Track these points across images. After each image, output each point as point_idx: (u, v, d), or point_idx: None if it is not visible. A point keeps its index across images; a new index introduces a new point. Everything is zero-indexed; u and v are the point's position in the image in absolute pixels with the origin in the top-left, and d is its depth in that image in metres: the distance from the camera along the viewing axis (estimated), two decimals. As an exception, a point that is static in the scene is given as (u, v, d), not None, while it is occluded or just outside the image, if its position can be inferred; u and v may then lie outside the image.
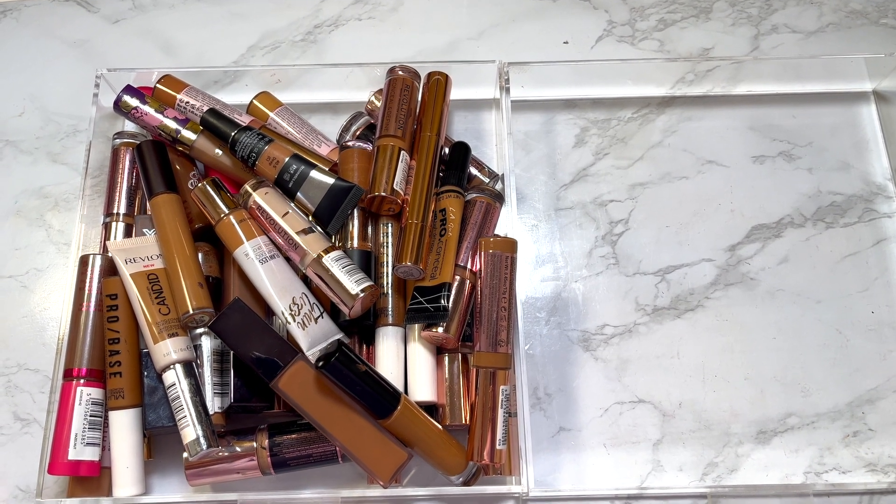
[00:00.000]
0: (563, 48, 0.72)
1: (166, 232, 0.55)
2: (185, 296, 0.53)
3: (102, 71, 0.64)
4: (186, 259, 0.54)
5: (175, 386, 0.52)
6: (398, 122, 0.58)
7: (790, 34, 0.72)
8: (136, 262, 0.55)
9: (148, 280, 0.54)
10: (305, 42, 0.72)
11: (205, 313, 0.53)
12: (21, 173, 0.67)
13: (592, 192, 0.66)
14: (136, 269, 0.54)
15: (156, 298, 0.54)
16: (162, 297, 0.54)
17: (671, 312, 0.62)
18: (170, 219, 0.56)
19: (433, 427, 0.52)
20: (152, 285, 0.54)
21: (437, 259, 0.55)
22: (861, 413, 0.59)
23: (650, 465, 0.57)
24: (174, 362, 0.52)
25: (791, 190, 0.65)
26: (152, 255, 0.56)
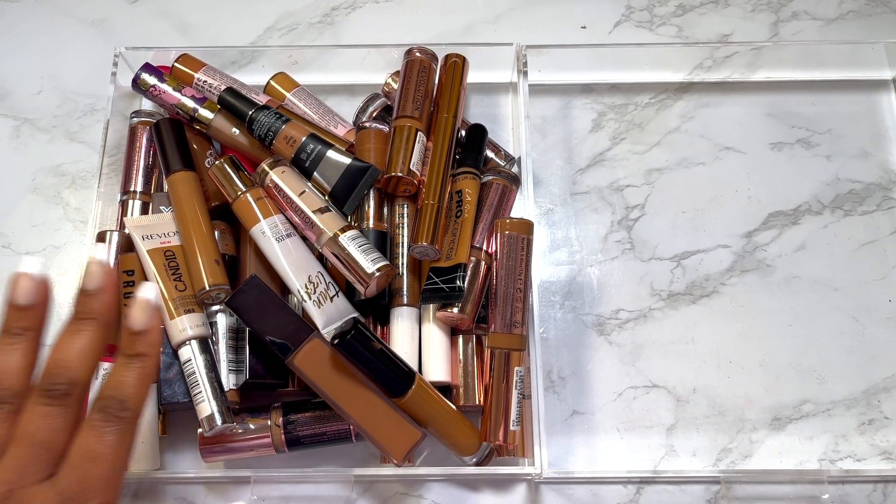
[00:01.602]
0: (580, 33, 0.71)
1: (183, 209, 0.55)
2: (201, 272, 0.53)
3: (121, 49, 0.64)
4: (203, 236, 0.54)
5: (191, 362, 0.52)
6: (415, 104, 0.58)
7: (810, 21, 0.71)
8: (152, 238, 0.55)
9: (164, 256, 0.54)
10: (323, 24, 0.72)
11: (221, 290, 0.53)
12: (39, 151, 0.67)
13: (609, 177, 0.65)
14: (152, 245, 0.55)
15: (172, 275, 0.54)
16: (178, 273, 0.54)
17: (686, 298, 0.61)
18: (187, 196, 0.56)
19: (447, 407, 0.52)
20: (169, 262, 0.54)
21: (453, 240, 0.55)
22: (877, 401, 0.58)
23: (663, 450, 0.57)
24: (190, 338, 0.52)
25: (809, 177, 0.65)
26: (169, 232, 0.56)
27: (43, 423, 0.36)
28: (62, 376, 0.37)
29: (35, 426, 0.36)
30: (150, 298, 0.40)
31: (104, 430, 0.37)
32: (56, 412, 0.37)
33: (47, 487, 0.36)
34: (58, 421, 0.37)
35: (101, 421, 0.37)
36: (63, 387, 0.37)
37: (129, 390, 0.38)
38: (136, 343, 0.39)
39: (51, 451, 0.36)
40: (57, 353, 0.38)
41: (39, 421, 0.36)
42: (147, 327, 0.39)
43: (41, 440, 0.36)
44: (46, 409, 0.37)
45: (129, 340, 0.39)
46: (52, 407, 0.37)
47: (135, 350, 0.39)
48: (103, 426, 0.37)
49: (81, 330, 0.38)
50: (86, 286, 0.39)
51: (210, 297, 0.54)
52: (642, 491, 0.56)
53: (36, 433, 0.36)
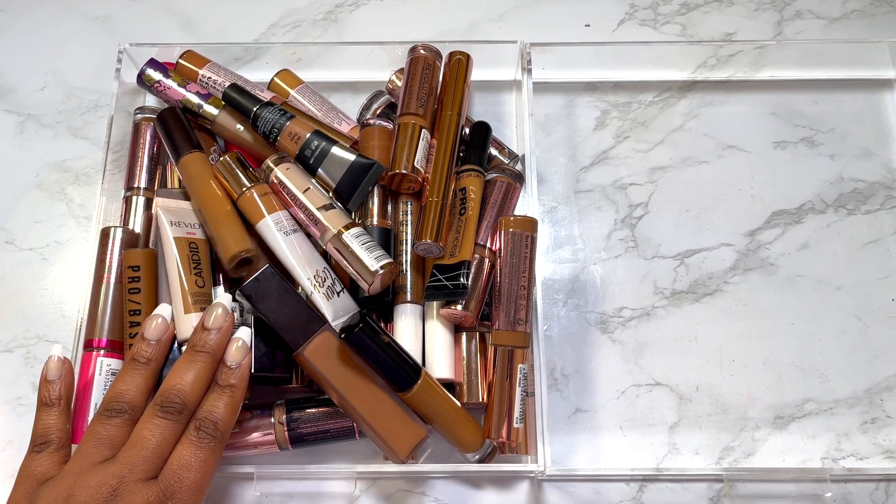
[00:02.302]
0: (584, 31, 0.71)
1: (200, 186, 0.56)
2: (229, 240, 0.53)
3: (125, 46, 0.64)
4: (225, 208, 0.55)
5: None
6: (419, 101, 0.58)
7: (814, 20, 0.71)
8: (180, 226, 0.55)
9: (189, 248, 0.54)
10: (327, 21, 0.72)
11: (250, 254, 0.54)
12: (42, 147, 0.67)
13: (612, 175, 0.65)
14: (179, 233, 0.54)
15: (194, 269, 0.54)
16: (199, 268, 0.54)
17: (690, 296, 0.61)
18: (202, 174, 0.56)
19: (452, 403, 0.52)
20: (192, 254, 0.54)
21: (457, 237, 0.55)
22: (879, 400, 0.58)
23: (666, 448, 0.57)
24: None
25: (812, 176, 0.65)
26: (195, 223, 0.56)
27: (156, 431, 0.45)
28: (177, 397, 0.46)
29: (150, 433, 0.45)
30: (245, 340, 0.50)
31: (199, 445, 0.45)
32: (168, 424, 0.45)
33: (151, 485, 0.44)
34: (168, 431, 0.45)
35: (196, 438, 0.45)
36: (177, 405, 0.46)
37: (222, 414, 0.47)
38: (229, 376, 0.48)
39: (158, 455, 0.45)
40: (174, 378, 0.47)
41: (154, 429, 0.45)
42: (240, 364, 0.49)
43: (152, 446, 0.45)
44: (161, 420, 0.45)
45: (224, 373, 0.48)
46: (165, 420, 0.45)
47: (227, 381, 0.48)
48: (199, 442, 0.45)
49: (196, 361, 0.48)
50: (207, 324, 0.49)
51: (240, 264, 0.54)
52: (645, 489, 0.56)
53: (150, 438, 0.45)
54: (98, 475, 0.43)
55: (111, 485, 0.43)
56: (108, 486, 0.43)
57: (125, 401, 0.47)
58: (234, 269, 0.54)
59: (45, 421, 0.48)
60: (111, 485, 0.43)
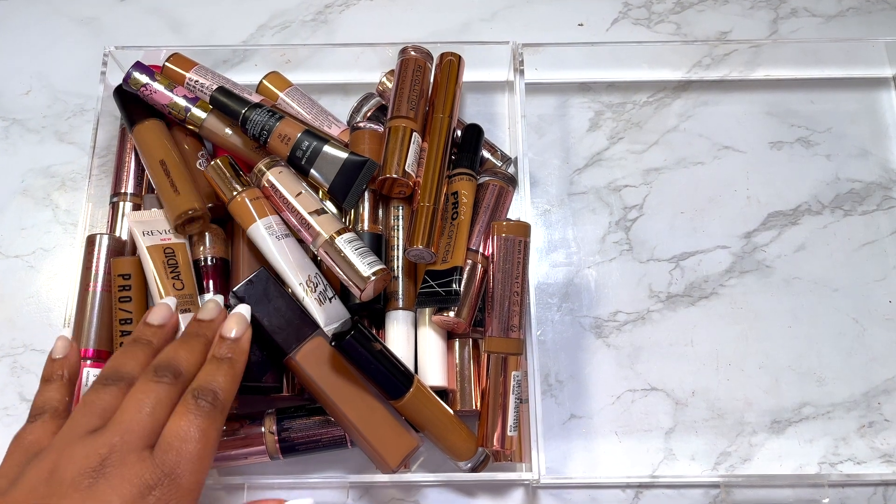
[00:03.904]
0: (577, 30, 0.70)
1: (151, 153, 0.56)
2: (177, 200, 0.54)
3: (110, 49, 0.63)
4: (179, 168, 0.55)
5: None
6: (410, 104, 0.57)
7: (809, 18, 0.70)
8: (153, 234, 0.54)
9: (164, 254, 0.53)
10: (316, 22, 0.71)
11: (197, 213, 0.54)
12: (28, 152, 0.66)
13: (606, 177, 0.65)
14: (152, 241, 0.54)
15: (171, 273, 0.53)
16: (177, 271, 0.53)
17: (685, 300, 0.61)
18: (153, 141, 0.57)
19: (444, 411, 0.52)
20: (168, 259, 0.53)
21: (449, 242, 0.54)
22: (877, 403, 0.58)
23: (662, 454, 0.57)
24: None
25: (809, 177, 0.64)
26: (169, 229, 0.55)
27: (151, 395, 0.41)
28: (170, 366, 0.43)
29: (144, 395, 0.41)
30: (245, 315, 0.48)
31: (197, 414, 0.41)
32: (163, 388, 0.42)
33: (146, 458, 0.39)
34: (163, 395, 0.42)
35: (195, 406, 0.42)
36: (172, 370, 0.43)
37: (221, 383, 0.44)
38: (227, 348, 0.46)
39: (154, 420, 0.41)
40: (171, 352, 0.45)
41: (149, 392, 0.42)
42: (239, 337, 0.47)
43: (147, 408, 0.41)
44: (155, 383, 0.42)
45: (223, 345, 0.46)
46: (160, 384, 0.42)
47: (225, 354, 0.46)
48: (197, 411, 0.41)
49: (192, 343, 0.46)
50: (202, 316, 0.48)
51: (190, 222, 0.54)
52: (641, 495, 0.55)
53: (145, 401, 0.41)
54: (86, 446, 0.39)
55: (101, 454, 0.38)
56: (97, 457, 0.38)
57: (123, 371, 0.43)
58: (182, 228, 0.55)
59: (45, 394, 0.45)
60: (101, 454, 0.38)
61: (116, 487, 0.37)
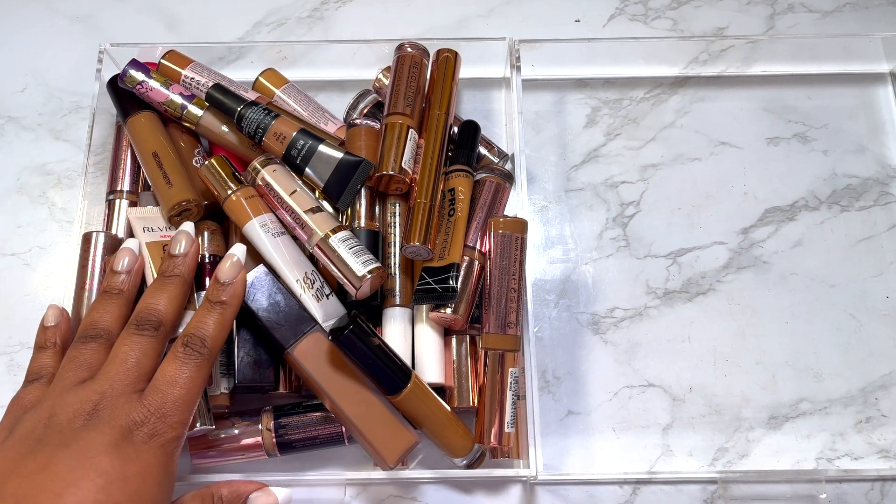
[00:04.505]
0: (574, 26, 0.70)
1: (144, 145, 0.56)
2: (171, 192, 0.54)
3: (105, 46, 0.63)
4: (172, 161, 0.55)
5: None
6: (406, 100, 0.57)
7: (806, 13, 0.70)
8: (153, 231, 0.54)
9: (163, 250, 0.53)
10: (312, 18, 0.71)
11: (191, 204, 0.54)
12: (23, 150, 0.66)
13: (603, 173, 0.65)
14: (152, 237, 0.54)
15: None
16: None
17: (682, 296, 0.61)
18: (146, 133, 0.57)
19: (442, 407, 0.52)
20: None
21: (446, 239, 0.54)
22: (874, 399, 0.58)
23: (660, 450, 0.57)
24: None
25: (806, 172, 0.64)
26: (166, 227, 0.55)
27: (133, 346, 0.44)
28: (151, 315, 0.46)
29: (128, 348, 0.44)
30: (239, 257, 0.49)
31: (185, 361, 0.44)
32: (144, 340, 0.45)
33: (134, 400, 0.42)
34: (145, 346, 0.44)
35: (183, 353, 0.44)
36: (153, 321, 0.45)
37: (210, 330, 0.46)
38: (220, 292, 0.47)
39: (140, 369, 0.44)
40: (147, 299, 0.47)
41: (132, 345, 0.44)
42: (232, 280, 0.48)
43: (132, 360, 0.44)
44: (136, 336, 0.45)
45: (215, 289, 0.47)
46: (141, 336, 0.45)
47: (218, 297, 0.47)
48: (185, 357, 0.44)
49: (168, 284, 0.48)
50: (173, 250, 0.49)
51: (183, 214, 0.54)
52: (638, 491, 0.55)
53: (129, 353, 0.44)
54: (78, 394, 0.42)
55: (93, 400, 0.42)
56: (89, 402, 0.42)
57: (100, 327, 0.46)
58: (177, 221, 0.55)
59: (39, 360, 0.48)
60: (93, 400, 0.42)
61: (108, 424, 0.41)
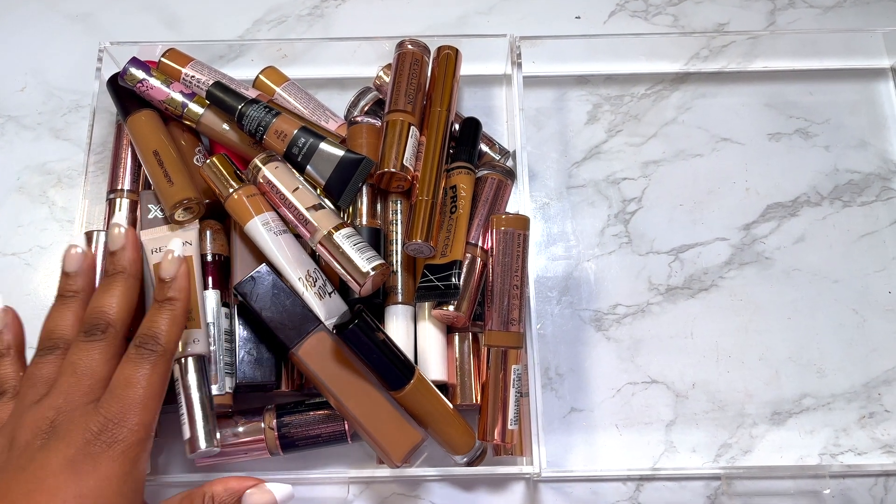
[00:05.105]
0: (575, 23, 0.70)
1: (145, 144, 0.56)
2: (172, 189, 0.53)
3: (105, 44, 0.62)
4: (173, 158, 0.55)
5: (178, 381, 0.50)
6: (407, 97, 0.57)
7: (807, 9, 0.70)
8: (161, 252, 0.53)
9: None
10: (312, 16, 0.71)
11: (192, 202, 0.54)
12: (23, 149, 0.66)
13: (605, 170, 0.64)
14: (159, 259, 0.53)
15: None
16: None
17: (685, 292, 0.61)
18: (147, 131, 0.56)
19: (444, 404, 0.52)
20: None
21: (448, 236, 0.54)
22: (877, 394, 0.58)
23: (663, 446, 0.56)
24: (181, 356, 0.50)
25: (807, 168, 0.64)
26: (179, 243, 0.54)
27: (84, 355, 0.43)
28: (99, 319, 0.45)
29: (77, 357, 0.43)
30: (177, 251, 0.47)
31: (139, 361, 0.43)
32: (95, 346, 0.44)
33: (91, 409, 0.42)
34: (97, 353, 0.43)
35: (136, 355, 0.43)
36: (100, 325, 0.44)
37: (162, 328, 0.45)
38: (166, 289, 0.46)
39: (92, 378, 0.43)
40: (94, 302, 0.46)
41: (81, 353, 0.43)
42: (175, 275, 0.47)
43: (83, 369, 0.43)
44: (87, 344, 0.44)
45: (160, 287, 0.47)
46: (91, 343, 0.44)
47: (165, 295, 0.46)
48: (138, 358, 0.43)
49: (113, 283, 0.47)
50: (111, 247, 0.48)
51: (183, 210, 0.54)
52: (642, 488, 0.55)
53: (78, 363, 0.43)
54: (34, 413, 0.42)
55: (48, 417, 0.41)
56: (45, 420, 0.41)
57: (56, 336, 0.45)
58: (178, 219, 0.54)
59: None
60: (48, 417, 0.41)
61: (64, 440, 0.40)
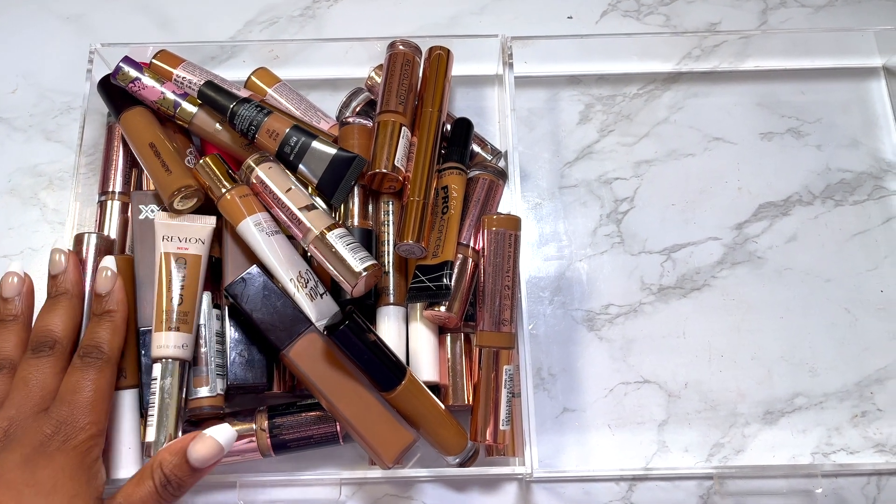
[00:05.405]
0: (567, 23, 0.70)
1: (140, 138, 0.56)
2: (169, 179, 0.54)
3: (96, 46, 0.62)
4: (168, 149, 0.55)
5: (156, 381, 0.50)
6: (399, 98, 0.57)
7: (799, 8, 0.70)
8: (172, 240, 0.53)
9: (175, 263, 0.52)
10: (304, 17, 0.71)
11: (190, 190, 0.54)
12: (15, 151, 0.66)
13: (597, 170, 0.64)
14: (169, 248, 0.53)
15: (179, 286, 0.52)
16: (182, 284, 0.52)
17: (677, 292, 0.61)
18: (141, 127, 0.57)
19: (436, 405, 0.51)
20: (178, 270, 0.52)
21: (440, 237, 0.54)
22: (870, 393, 0.58)
23: (655, 446, 0.56)
24: (167, 357, 0.50)
25: (799, 167, 0.64)
26: (188, 238, 0.53)
27: (33, 370, 0.46)
28: (46, 336, 0.47)
29: (27, 372, 0.46)
30: (111, 268, 0.50)
31: (85, 369, 0.46)
32: (43, 362, 0.46)
33: (42, 416, 0.44)
34: (45, 367, 0.46)
35: (81, 363, 0.46)
36: (47, 342, 0.47)
37: (104, 337, 0.48)
38: (104, 303, 0.49)
39: (43, 390, 0.45)
40: (39, 322, 0.49)
41: (31, 368, 0.46)
42: (111, 289, 0.49)
43: (34, 382, 0.46)
44: (36, 360, 0.47)
45: (97, 303, 0.49)
46: (40, 359, 0.47)
47: (103, 308, 0.49)
48: (83, 366, 0.46)
49: (57, 303, 0.49)
50: (52, 271, 0.51)
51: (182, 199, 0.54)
52: (634, 488, 0.55)
53: (28, 377, 0.46)
54: None
55: (2, 427, 0.44)
56: (0, 430, 0.44)
57: (1, 357, 0.47)
58: (176, 208, 0.55)
59: None
60: (2, 427, 0.44)
61: (20, 445, 0.43)
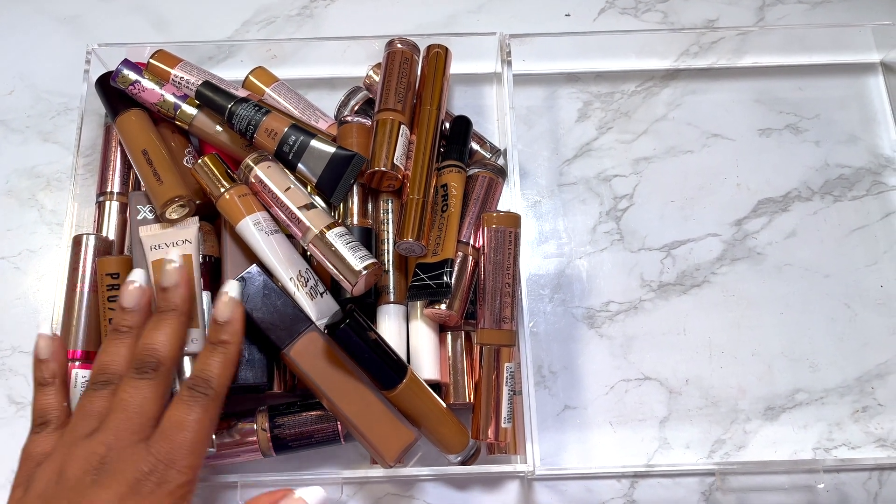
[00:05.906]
0: (564, 21, 0.70)
1: (135, 142, 0.55)
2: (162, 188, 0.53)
3: (93, 47, 0.62)
4: (162, 157, 0.55)
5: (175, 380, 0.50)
6: (398, 96, 0.57)
7: (796, 4, 0.70)
8: (159, 248, 0.53)
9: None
10: (301, 16, 0.71)
11: (184, 200, 0.53)
12: (12, 153, 0.65)
13: (596, 167, 0.64)
14: (158, 256, 0.52)
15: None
16: None
17: (677, 288, 0.61)
18: (136, 131, 0.56)
19: (437, 403, 0.51)
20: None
21: (439, 235, 0.54)
22: (870, 388, 0.58)
23: (657, 443, 0.56)
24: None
25: (798, 163, 0.64)
26: (175, 242, 0.53)
27: (135, 393, 0.44)
28: (150, 356, 0.45)
29: (128, 395, 0.44)
30: (234, 296, 0.48)
31: (191, 404, 0.44)
32: (145, 384, 0.44)
33: (142, 448, 0.42)
34: (147, 391, 0.44)
35: (188, 396, 0.44)
36: (151, 363, 0.45)
37: (214, 371, 0.45)
38: (220, 332, 0.47)
39: (143, 416, 0.43)
40: (145, 340, 0.46)
41: (132, 391, 0.44)
42: (230, 319, 0.47)
43: (134, 407, 0.43)
44: (137, 381, 0.44)
45: (215, 329, 0.47)
46: (142, 380, 0.44)
47: (218, 338, 0.47)
48: (190, 400, 0.44)
49: (164, 319, 0.47)
50: (164, 283, 0.48)
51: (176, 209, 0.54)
52: (636, 485, 0.55)
53: (129, 401, 0.43)
54: (86, 447, 0.42)
55: (99, 454, 0.41)
56: (96, 456, 0.41)
57: (110, 372, 0.45)
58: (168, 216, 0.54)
59: (42, 401, 0.47)
60: (99, 454, 0.41)
61: (114, 478, 0.41)
